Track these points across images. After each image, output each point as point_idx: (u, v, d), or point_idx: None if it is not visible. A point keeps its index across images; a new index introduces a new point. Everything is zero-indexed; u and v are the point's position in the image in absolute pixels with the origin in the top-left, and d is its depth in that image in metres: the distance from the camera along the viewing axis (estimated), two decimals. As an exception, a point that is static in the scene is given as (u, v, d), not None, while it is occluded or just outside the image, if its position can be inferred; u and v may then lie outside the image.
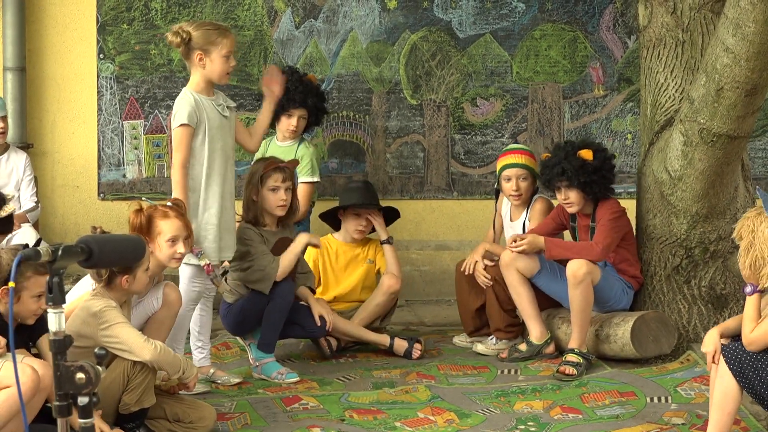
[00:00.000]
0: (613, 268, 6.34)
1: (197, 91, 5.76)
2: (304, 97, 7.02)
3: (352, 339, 6.54)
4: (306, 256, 6.59)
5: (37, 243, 5.43)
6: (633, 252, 6.40)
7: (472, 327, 6.75)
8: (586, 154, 6.18)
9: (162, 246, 5.37)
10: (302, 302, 6.32)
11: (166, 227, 5.39)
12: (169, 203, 5.49)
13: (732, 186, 6.28)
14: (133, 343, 4.91)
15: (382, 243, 6.70)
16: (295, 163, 6.45)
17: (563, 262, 6.28)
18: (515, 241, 6.27)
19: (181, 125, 5.66)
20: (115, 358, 4.91)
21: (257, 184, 6.15)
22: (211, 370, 5.93)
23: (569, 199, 6.27)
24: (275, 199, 6.15)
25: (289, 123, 7.06)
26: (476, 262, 6.57)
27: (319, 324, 6.31)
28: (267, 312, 6.14)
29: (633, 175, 7.58)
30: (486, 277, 6.52)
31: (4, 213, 4.91)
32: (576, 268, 6.06)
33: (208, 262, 5.68)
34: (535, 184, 6.66)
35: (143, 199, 5.56)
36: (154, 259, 5.35)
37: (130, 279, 5.01)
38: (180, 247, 5.40)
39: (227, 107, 5.85)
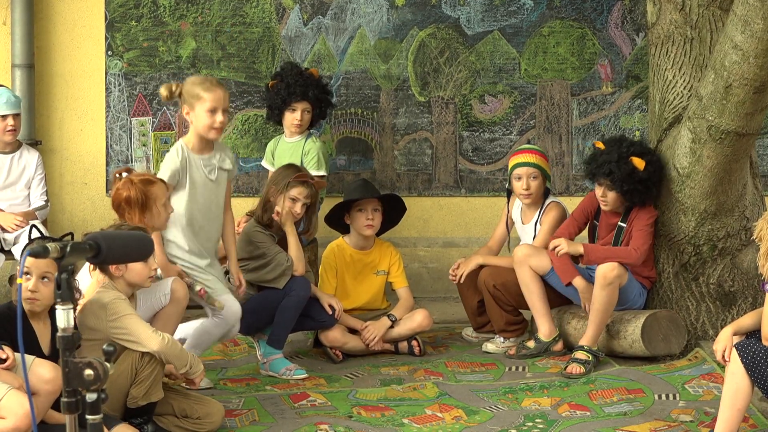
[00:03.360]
0: (629, 269, 6.31)
1: (189, 146, 5.73)
2: (305, 89, 7.03)
3: (359, 350, 6.51)
4: (323, 262, 6.63)
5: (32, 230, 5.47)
6: (652, 253, 6.40)
7: (476, 323, 6.79)
8: (639, 162, 6.14)
9: (161, 212, 5.49)
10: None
11: (160, 192, 5.49)
12: (124, 173, 5.54)
13: (740, 183, 6.27)
14: (141, 333, 4.94)
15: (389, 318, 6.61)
16: (322, 183, 6.50)
17: (576, 260, 6.31)
18: (555, 248, 6.24)
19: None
20: (123, 351, 4.94)
21: (282, 188, 6.19)
22: None
23: (606, 197, 6.26)
24: (290, 213, 6.20)
25: (293, 117, 7.08)
26: (464, 274, 6.63)
27: (330, 313, 6.33)
28: (282, 308, 6.16)
29: (641, 172, 7.70)
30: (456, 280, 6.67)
31: None
32: (608, 270, 6.07)
33: (200, 287, 5.71)
34: (545, 185, 6.65)
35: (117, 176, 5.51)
36: (155, 225, 5.48)
37: (122, 267, 5.04)
38: (171, 208, 5.56)
39: (220, 168, 5.82)
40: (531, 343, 6.40)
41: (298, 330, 6.46)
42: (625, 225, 6.28)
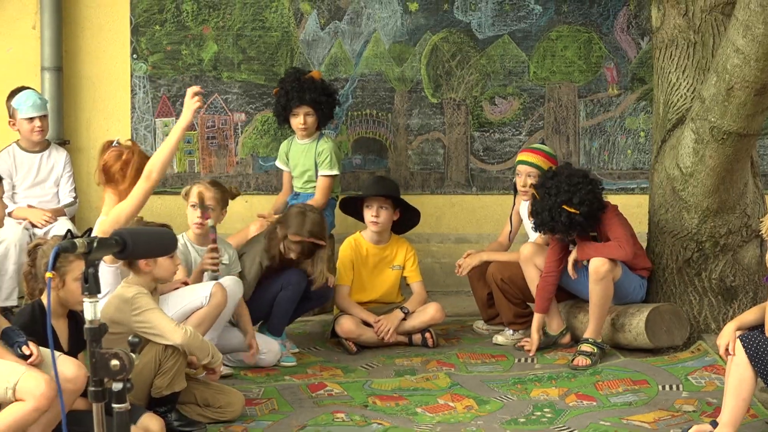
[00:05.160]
0: (626, 266, 6.30)
1: (190, 237, 6.02)
2: (302, 94, 7.03)
3: (374, 342, 6.55)
4: (340, 255, 6.65)
5: (69, 233, 5.51)
6: (638, 244, 6.36)
7: (487, 315, 6.81)
8: (570, 209, 6.05)
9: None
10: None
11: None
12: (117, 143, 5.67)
13: (742, 182, 6.31)
14: (164, 327, 5.00)
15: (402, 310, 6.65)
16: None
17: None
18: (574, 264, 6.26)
19: None
20: (147, 344, 5.00)
21: (284, 229, 6.22)
22: None
23: (570, 238, 6.25)
24: (287, 252, 6.24)
25: (297, 122, 7.11)
26: (471, 266, 6.67)
27: (327, 284, 6.34)
28: (279, 299, 6.24)
29: (646, 171, 7.66)
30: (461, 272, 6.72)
31: None
32: (598, 265, 6.07)
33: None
34: None
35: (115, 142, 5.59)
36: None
37: (151, 263, 5.10)
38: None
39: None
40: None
41: (300, 314, 6.50)
42: (595, 234, 6.25)
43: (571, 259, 6.22)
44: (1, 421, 4.46)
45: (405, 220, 6.77)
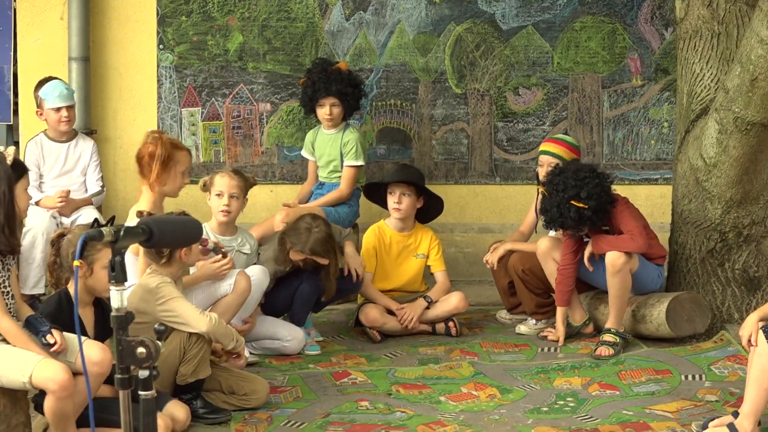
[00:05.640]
0: (642, 256, 6.29)
1: (212, 228, 6.06)
2: (328, 85, 7.04)
3: (397, 330, 6.58)
4: (364, 243, 6.68)
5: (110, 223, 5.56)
6: (651, 233, 6.34)
7: (509, 303, 6.84)
8: (579, 204, 6.05)
9: (177, 178, 5.80)
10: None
11: (183, 159, 5.79)
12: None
13: (765, 172, 6.31)
14: (189, 316, 5.03)
15: (425, 299, 6.66)
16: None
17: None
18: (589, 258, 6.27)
19: None
20: (172, 332, 5.03)
21: (290, 242, 6.22)
22: None
23: (581, 232, 6.26)
24: (294, 262, 6.26)
25: (323, 112, 7.12)
26: (496, 259, 6.69)
27: (355, 279, 6.39)
28: (299, 292, 6.28)
29: (669, 162, 7.66)
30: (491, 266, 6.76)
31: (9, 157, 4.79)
32: (614, 258, 6.08)
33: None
34: None
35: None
36: (167, 188, 5.75)
37: (188, 252, 5.17)
38: (187, 180, 5.88)
39: (239, 251, 6.06)
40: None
41: (325, 305, 6.55)
42: (607, 228, 6.24)
43: (586, 253, 6.23)
44: (47, 419, 4.54)
45: (429, 209, 6.78)
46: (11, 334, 4.49)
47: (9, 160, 4.59)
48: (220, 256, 5.75)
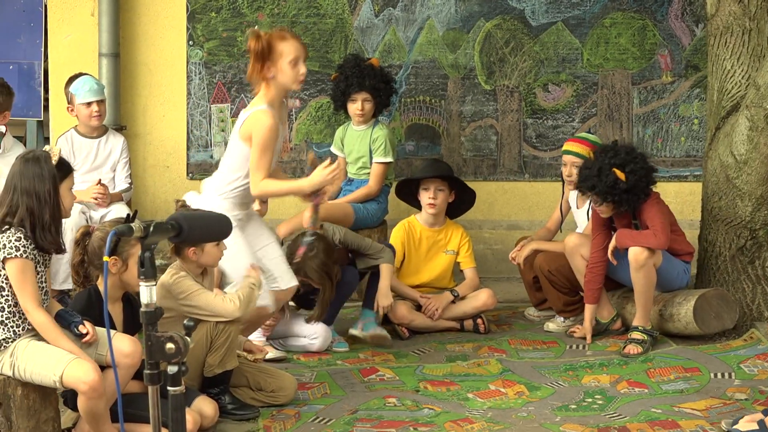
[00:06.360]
0: (668, 252, 6.29)
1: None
2: (362, 80, 7.05)
3: (426, 327, 6.59)
4: (393, 237, 6.69)
5: (131, 217, 5.56)
6: (678, 230, 6.35)
7: (535, 298, 6.85)
8: (620, 174, 6.07)
9: (285, 69, 5.26)
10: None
11: (288, 48, 5.25)
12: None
13: None
14: (215, 306, 5.02)
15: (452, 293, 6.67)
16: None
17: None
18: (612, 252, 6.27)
19: None
20: (198, 323, 5.00)
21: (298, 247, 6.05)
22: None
23: (601, 207, 6.25)
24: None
25: (354, 108, 7.13)
26: (523, 257, 6.70)
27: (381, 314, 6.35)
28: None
29: (699, 158, 7.63)
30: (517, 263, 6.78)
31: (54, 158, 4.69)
32: (637, 253, 6.07)
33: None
34: None
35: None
36: (277, 88, 5.19)
37: (198, 251, 5.09)
38: (302, 68, 5.25)
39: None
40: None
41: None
42: (636, 221, 6.25)
43: (610, 247, 6.23)
44: (83, 417, 4.58)
45: (458, 203, 6.80)
46: (44, 327, 4.51)
47: (54, 159, 4.59)
48: (329, 161, 5.40)
